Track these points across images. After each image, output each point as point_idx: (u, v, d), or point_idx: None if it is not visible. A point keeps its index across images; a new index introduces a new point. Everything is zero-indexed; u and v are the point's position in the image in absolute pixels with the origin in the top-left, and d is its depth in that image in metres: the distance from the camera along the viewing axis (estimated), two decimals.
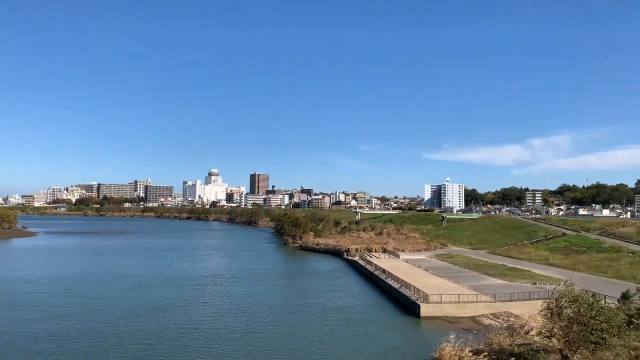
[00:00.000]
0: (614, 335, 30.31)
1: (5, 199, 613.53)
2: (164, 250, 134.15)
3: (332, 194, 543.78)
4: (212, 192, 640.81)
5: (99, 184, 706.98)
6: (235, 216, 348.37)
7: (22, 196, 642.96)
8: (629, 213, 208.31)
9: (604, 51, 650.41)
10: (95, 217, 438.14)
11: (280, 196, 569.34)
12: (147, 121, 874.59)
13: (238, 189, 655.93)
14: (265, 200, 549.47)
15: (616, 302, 40.51)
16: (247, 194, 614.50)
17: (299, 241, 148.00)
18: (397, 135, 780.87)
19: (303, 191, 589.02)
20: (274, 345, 42.77)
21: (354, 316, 54.97)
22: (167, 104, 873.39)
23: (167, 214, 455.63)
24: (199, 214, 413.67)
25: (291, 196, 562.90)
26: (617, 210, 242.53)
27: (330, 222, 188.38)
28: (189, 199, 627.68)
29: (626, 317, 35.46)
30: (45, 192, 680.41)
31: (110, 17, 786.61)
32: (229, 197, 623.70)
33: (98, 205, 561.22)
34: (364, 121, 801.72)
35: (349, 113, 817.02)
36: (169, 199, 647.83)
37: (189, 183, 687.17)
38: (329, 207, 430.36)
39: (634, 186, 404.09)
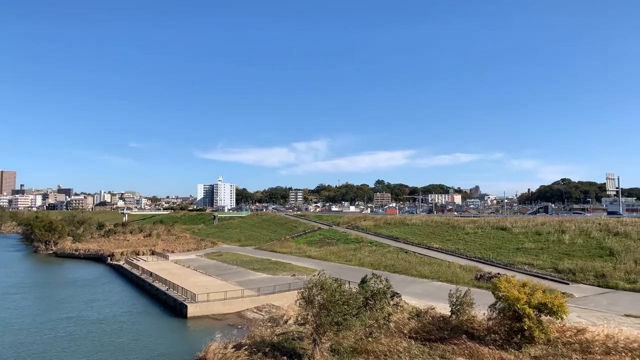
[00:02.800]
0: (354, 316, 34.83)
1: None
2: None
3: (96, 194, 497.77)
4: None
5: None
6: None
7: None
8: (369, 209, 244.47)
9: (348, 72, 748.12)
10: None
11: (32, 197, 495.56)
12: None
13: None
14: (11, 201, 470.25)
15: (357, 287, 47.12)
16: None
17: (53, 247, 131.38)
18: (171, 133, 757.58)
19: (60, 191, 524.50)
20: None
21: (117, 325, 51.33)
22: None
23: None
24: None
25: (45, 196, 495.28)
26: (361, 207, 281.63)
27: (92, 225, 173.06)
28: None
29: (364, 299, 41.90)
30: None
31: None
32: None
33: None
34: (135, 116, 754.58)
35: (119, 106, 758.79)
36: None
37: None
38: (92, 209, 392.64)
39: (373, 186, 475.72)
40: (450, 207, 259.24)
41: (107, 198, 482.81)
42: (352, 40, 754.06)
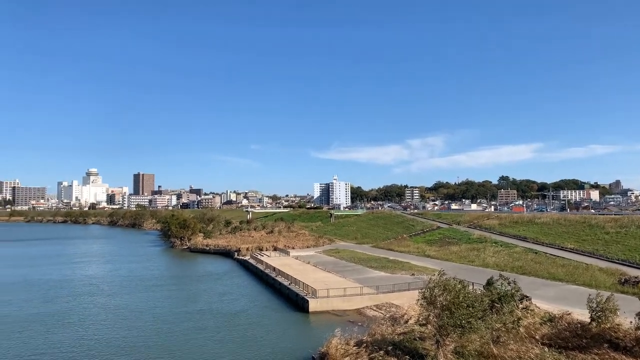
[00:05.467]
0: (479, 319, 33.11)
1: None
2: (34, 258, 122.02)
3: (222, 193, 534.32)
4: (91, 193, 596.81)
5: None
6: (118, 219, 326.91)
7: None
8: (492, 207, 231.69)
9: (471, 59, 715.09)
10: None
11: (168, 197, 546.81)
12: (10, 115, 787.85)
13: (120, 189, 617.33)
14: (150, 201, 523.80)
15: (482, 289, 44.65)
16: (130, 194, 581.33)
17: (187, 243, 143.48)
18: (287, 135, 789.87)
19: (192, 191, 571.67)
20: (153, 358, 40.21)
21: (246, 319, 54.14)
22: (35, 98, 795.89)
23: (40, 218, 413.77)
24: (76, 217, 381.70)
25: (179, 196, 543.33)
26: (483, 205, 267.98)
27: (220, 222, 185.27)
28: (65, 201, 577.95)
29: (489, 302, 39.59)
30: None
31: None
32: (111, 198, 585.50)
33: None
34: (255, 121, 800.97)
35: (241, 112, 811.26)
36: (42, 201, 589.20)
37: (65, 184, 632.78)
38: (220, 207, 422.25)
39: (497, 182, 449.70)
40: (586, 204, 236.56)
41: (233, 197, 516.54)
42: (467, 29, 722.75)
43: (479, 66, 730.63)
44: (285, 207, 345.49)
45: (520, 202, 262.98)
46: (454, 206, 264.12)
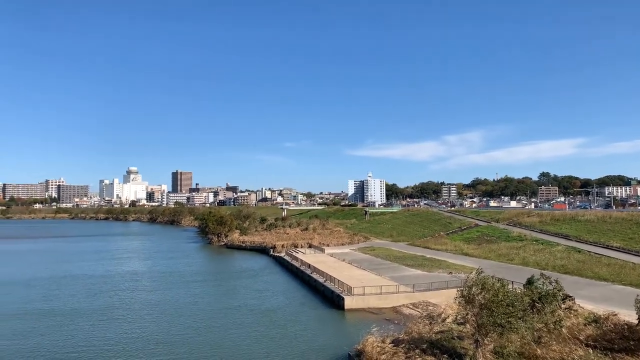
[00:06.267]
0: (520, 318, 32.29)
1: None
2: (78, 253, 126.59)
3: (258, 191, 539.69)
4: (132, 191, 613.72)
5: (4, 184, 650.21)
6: (157, 216, 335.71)
7: None
8: (532, 204, 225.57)
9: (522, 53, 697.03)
10: (1, 220, 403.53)
11: (205, 194, 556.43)
12: (57, 117, 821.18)
13: (159, 187, 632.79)
14: (188, 198, 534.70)
15: (522, 287, 43.53)
16: (169, 192, 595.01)
17: (224, 239, 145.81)
18: (321, 133, 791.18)
19: (228, 189, 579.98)
20: (197, 354, 40.86)
21: (282, 316, 54.54)
22: (79, 100, 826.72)
23: (83, 215, 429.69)
24: (118, 214, 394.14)
25: (216, 194, 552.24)
26: (523, 202, 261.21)
27: (256, 219, 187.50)
28: (107, 198, 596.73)
29: (530, 301, 38.51)
30: None
31: None
32: (150, 196, 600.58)
33: (4, 207, 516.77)
34: (289, 119, 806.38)
35: (273, 111, 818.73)
36: (85, 199, 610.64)
37: (106, 182, 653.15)
38: (255, 204, 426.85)
39: (537, 179, 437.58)
40: (632, 201, 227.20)
41: (268, 194, 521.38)
42: (505, 24, 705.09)
43: (517, 61, 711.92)
44: (319, 204, 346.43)
45: (562, 199, 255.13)
46: (492, 203, 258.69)
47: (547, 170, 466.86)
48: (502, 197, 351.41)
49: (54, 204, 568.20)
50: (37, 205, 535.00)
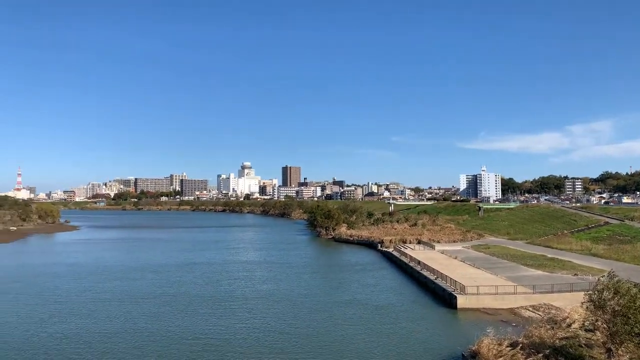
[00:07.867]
0: None
1: (49, 195, 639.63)
2: (200, 243, 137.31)
3: (364, 185, 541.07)
4: (246, 185, 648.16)
5: (136, 179, 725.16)
6: (269, 208, 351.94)
7: (64, 191, 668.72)
8: None
9: None
10: (134, 211, 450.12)
11: (313, 188, 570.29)
12: (180, 118, 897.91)
13: (271, 181, 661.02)
14: (297, 192, 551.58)
15: None
16: (279, 186, 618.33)
17: (332, 233, 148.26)
18: (429, 125, 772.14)
19: (335, 183, 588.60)
20: (308, 346, 41.55)
21: (393, 312, 53.65)
22: (200, 102, 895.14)
23: (203, 207, 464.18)
24: (234, 206, 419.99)
25: (323, 188, 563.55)
26: None
27: (363, 214, 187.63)
28: (224, 192, 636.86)
29: None
30: (85, 187, 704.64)
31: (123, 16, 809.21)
32: (262, 189, 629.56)
33: (136, 200, 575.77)
34: (394, 112, 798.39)
35: (380, 103, 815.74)
36: (204, 192, 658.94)
37: (223, 176, 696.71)
38: (362, 199, 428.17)
39: None
40: None
41: (374, 189, 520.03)
42: None
43: None
44: (428, 199, 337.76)
45: None
46: (625, 199, 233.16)
47: None
48: (637, 192, 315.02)
49: (178, 196, 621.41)
50: (163, 198, 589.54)
